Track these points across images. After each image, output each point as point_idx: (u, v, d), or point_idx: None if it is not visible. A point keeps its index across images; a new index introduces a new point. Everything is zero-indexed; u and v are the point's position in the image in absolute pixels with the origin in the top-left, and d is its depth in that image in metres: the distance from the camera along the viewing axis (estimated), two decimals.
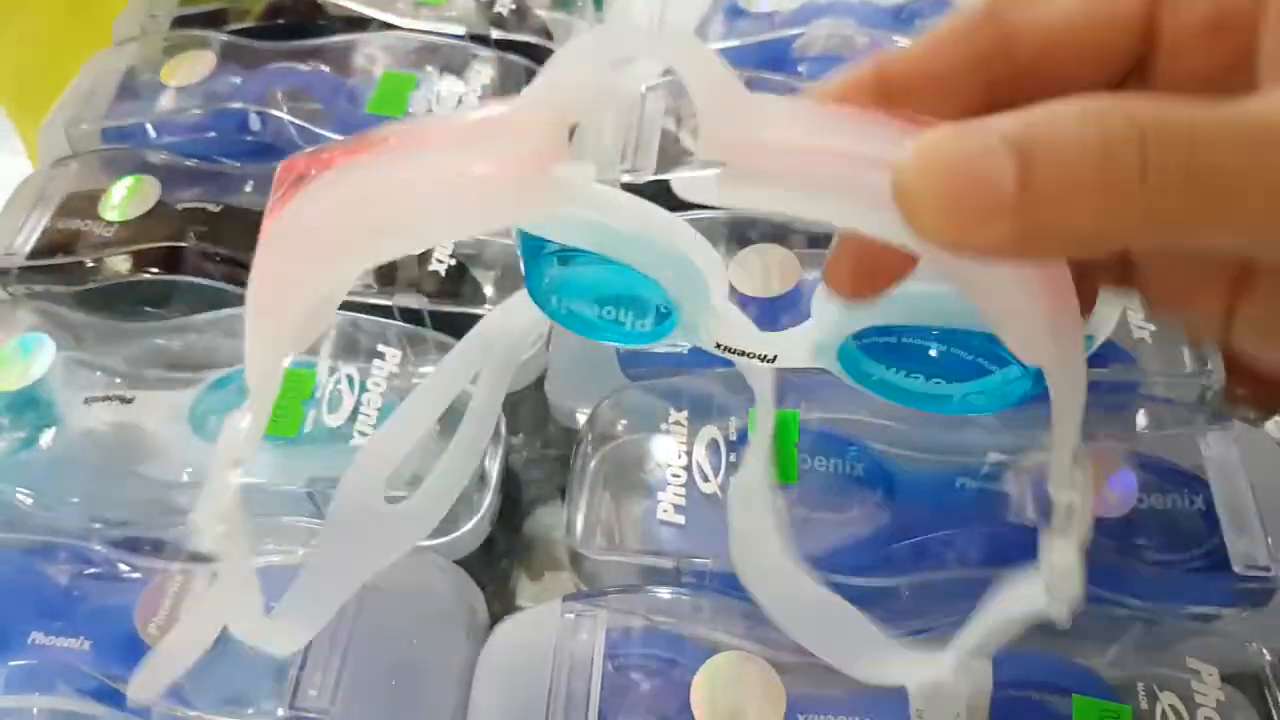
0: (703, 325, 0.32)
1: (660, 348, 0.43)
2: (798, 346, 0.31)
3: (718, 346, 0.32)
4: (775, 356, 0.32)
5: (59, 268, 0.46)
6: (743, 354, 0.32)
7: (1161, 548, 0.35)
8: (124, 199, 0.47)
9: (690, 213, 0.43)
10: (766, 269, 0.44)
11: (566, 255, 0.33)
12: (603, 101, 0.22)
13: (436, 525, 0.39)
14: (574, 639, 0.35)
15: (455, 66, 0.53)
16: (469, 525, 0.40)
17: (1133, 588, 0.35)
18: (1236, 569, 0.34)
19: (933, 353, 0.29)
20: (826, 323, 0.30)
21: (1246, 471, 0.37)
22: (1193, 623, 0.35)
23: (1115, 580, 0.35)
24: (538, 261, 0.33)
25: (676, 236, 0.31)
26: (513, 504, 0.46)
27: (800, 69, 0.52)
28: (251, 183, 0.49)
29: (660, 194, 0.43)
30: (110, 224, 0.46)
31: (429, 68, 0.52)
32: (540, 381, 0.44)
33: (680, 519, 0.37)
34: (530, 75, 0.54)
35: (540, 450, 0.48)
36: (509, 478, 0.43)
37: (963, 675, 0.32)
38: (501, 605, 0.43)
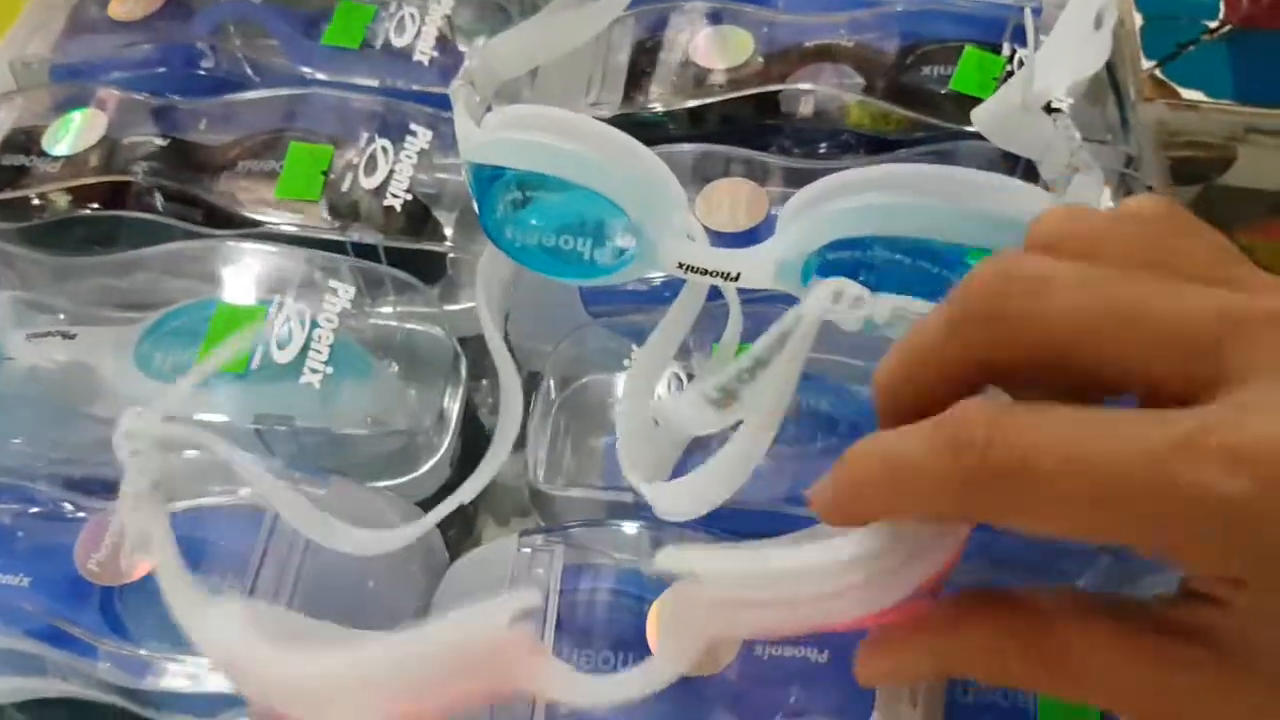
0: (664, 245, 0.31)
1: (624, 286, 0.42)
2: (761, 264, 0.31)
3: (680, 266, 0.31)
4: (738, 275, 0.31)
5: (3, 204, 0.44)
6: (705, 272, 0.31)
7: None
8: (68, 133, 0.46)
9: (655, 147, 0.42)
10: (734, 203, 0.43)
11: (522, 182, 0.32)
12: None
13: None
14: (529, 573, 0.34)
15: None
16: (428, 466, 0.39)
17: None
18: None
19: (898, 265, 0.28)
20: (790, 239, 0.30)
21: None
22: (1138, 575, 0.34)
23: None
24: (491, 191, 0.32)
25: (636, 156, 0.30)
26: (476, 448, 0.45)
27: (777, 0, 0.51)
28: (204, 119, 0.47)
29: (625, 127, 0.42)
30: (55, 159, 0.45)
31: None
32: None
33: None
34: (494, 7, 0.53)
35: None
36: (472, 422, 0.42)
37: None
38: (464, 542, 0.42)
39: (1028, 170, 0.35)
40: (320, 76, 0.48)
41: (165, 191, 0.44)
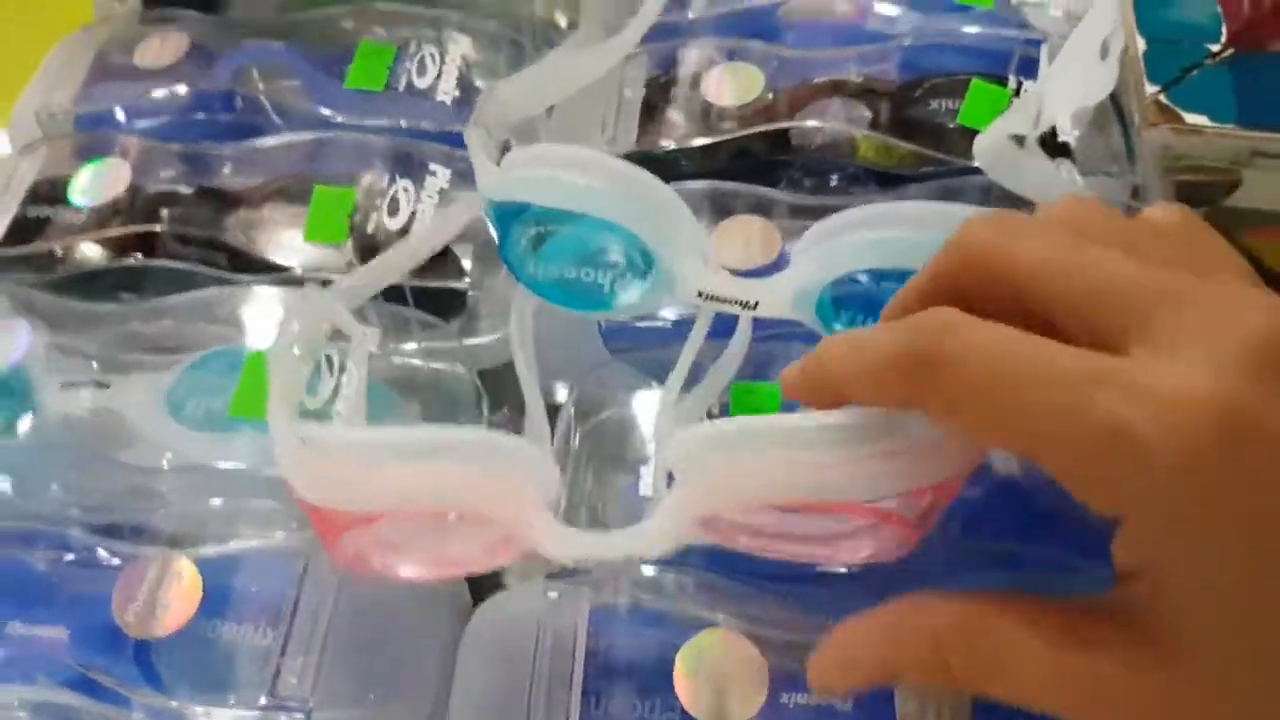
0: (683, 275, 0.32)
1: (644, 322, 0.43)
2: (779, 294, 0.32)
3: (700, 295, 0.32)
4: (757, 303, 0.32)
5: (29, 257, 0.45)
6: (724, 300, 0.32)
7: None
8: (93, 184, 0.46)
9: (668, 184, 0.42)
10: (748, 240, 0.43)
11: (542, 217, 0.33)
12: None
13: None
14: (557, 617, 0.35)
15: (434, 37, 0.52)
16: None
17: (1100, 551, 0.34)
18: None
19: None
20: (808, 270, 0.31)
21: None
22: None
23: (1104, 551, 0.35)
24: (513, 227, 0.33)
25: (654, 190, 0.31)
26: None
27: (786, 36, 0.51)
28: (229, 164, 0.48)
29: (639, 164, 0.42)
30: (79, 209, 0.46)
31: (407, 38, 0.52)
32: None
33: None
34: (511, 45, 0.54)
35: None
36: None
37: None
38: (488, 586, 0.43)
39: None
40: (345, 119, 0.49)
41: (192, 239, 0.45)
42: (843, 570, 0.34)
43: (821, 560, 0.32)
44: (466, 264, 0.45)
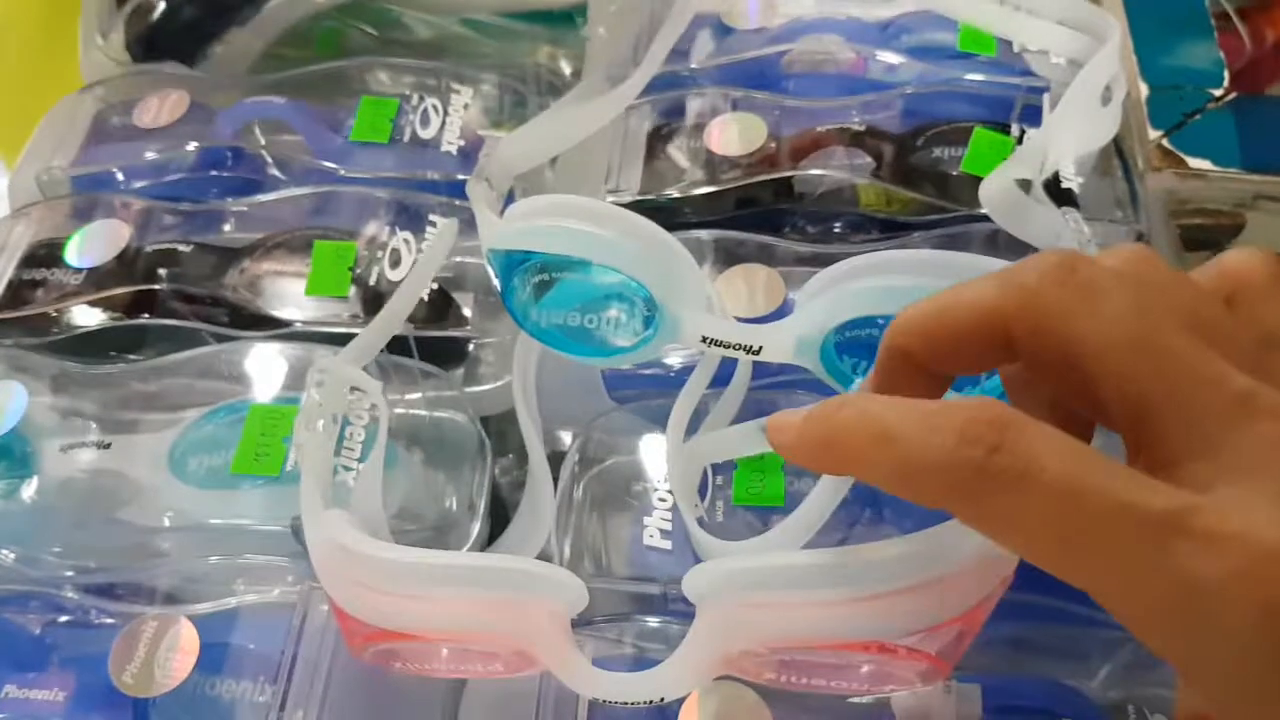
0: (686, 320, 0.32)
1: (647, 370, 0.42)
2: (782, 339, 0.32)
3: (704, 340, 0.32)
4: (760, 348, 0.32)
5: (26, 319, 0.45)
6: (728, 345, 0.32)
7: None
8: (89, 244, 0.46)
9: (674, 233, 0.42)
10: (752, 289, 0.43)
11: (545, 265, 0.33)
12: None
13: None
14: None
15: (435, 88, 0.52)
16: None
17: None
18: None
19: None
20: (810, 316, 0.31)
21: None
22: None
23: None
24: (516, 276, 0.33)
25: (656, 237, 0.31)
26: (502, 527, 0.45)
27: (788, 85, 0.52)
28: (230, 220, 0.48)
29: (644, 213, 0.42)
30: (76, 271, 0.45)
31: (409, 91, 0.52)
32: None
33: (667, 544, 0.37)
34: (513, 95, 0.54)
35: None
36: (497, 501, 0.43)
37: (951, 699, 0.31)
38: None
39: None
40: (349, 172, 0.49)
41: (192, 296, 0.45)
42: None
43: (850, 694, 0.32)
44: (467, 312, 0.45)
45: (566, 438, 0.43)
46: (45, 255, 0.47)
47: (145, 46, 0.57)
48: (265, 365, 0.42)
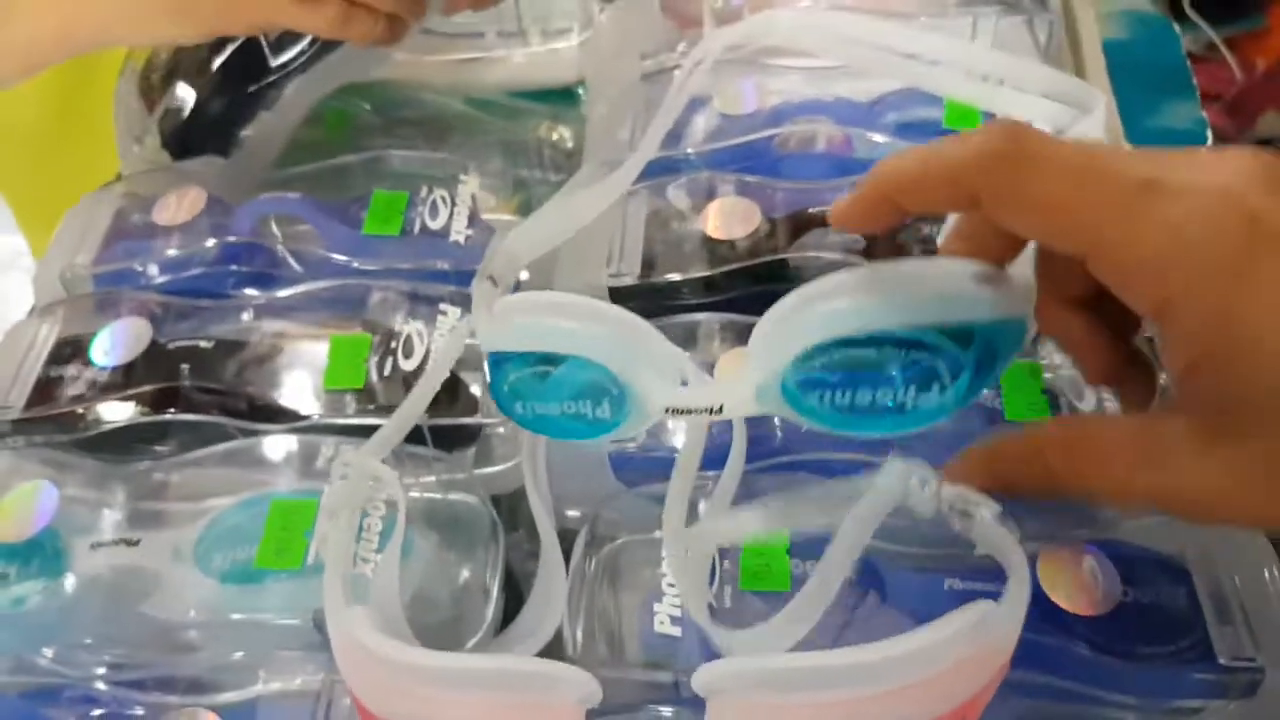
0: (650, 396, 0.32)
1: (654, 453, 0.44)
2: (741, 391, 0.32)
3: (668, 411, 0.32)
4: (721, 406, 0.32)
5: (54, 418, 0.46)
6: (691, 411, 0.33)
7: (1146, 641, 0.36)
8: (113, 342, 0.48)
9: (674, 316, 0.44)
10: None
11: (525, 360, 0.34)
12: None
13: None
14: None
15: (443, 179, 0.54)
16: (473, 641, 0.41)
17: (1119, 683, 0.35)
18: (1222, 660, 0.35)
19: (867, 361, 0.30)
20: (760, 363, 0.31)
21: (1228, 558, 0.38)
22: (1179, 717, 0.35)
23: (1101, 677, 0.35)
24: (500, 371, 0.34)
25: (620, 322, 0.32)
26: (517, 601, 0.47)
27: (780, 166, 0.53)
28: (250, 310, 0.50)
29: (645, 295, 0.44)
30: (101, 369, 0.47)
31: (419, 185, 0.54)
32: None
33: (677, 630, 0.38)
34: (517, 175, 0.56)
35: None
36: (510, 575, 0.44)
37: None
38: None
39: None
40: (363, 265, 0.51)
41: (213, 391, 0.46)
42: None
43: None
44: (476, 391, 0.47)
45: (575, 513, 0.44)
46: (71, 353, 0.48)
47: (180, 144, 0.59)
48: (286, 458, 0.44)
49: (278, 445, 0.44)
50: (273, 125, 0.60)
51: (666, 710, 0.36)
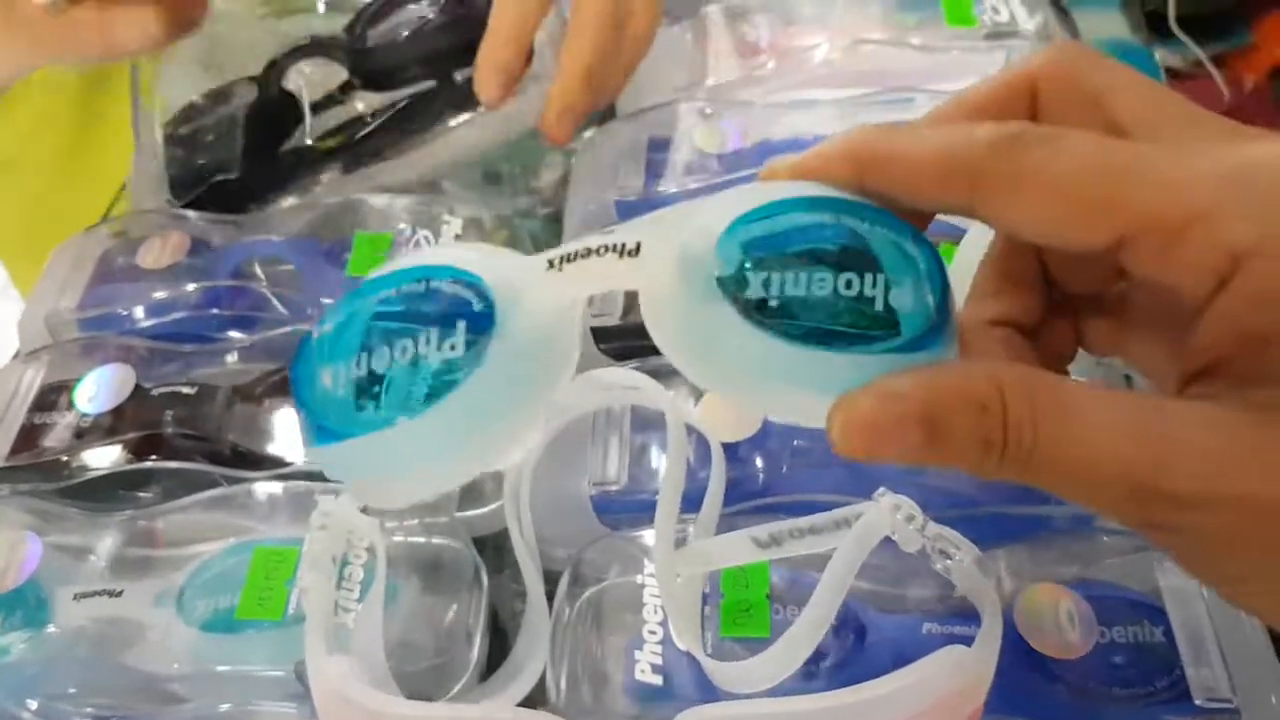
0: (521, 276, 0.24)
1: (638, 495, 0.44)
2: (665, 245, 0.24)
3: (550, 265, 0.24)
4: (638, 245, 0.24)
5: (38, 465, 0.46)
6: (591, 253, 0.24)
7: (1124, 682, 0.36)
8: (97, 389, 0.48)
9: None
10: (737, 410, 0.45)
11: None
12: None
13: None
14: None
15: (425, 222, 0.55)
16: (457, 687, 0.40)
17: None
18: (1198, 701, 0.35)
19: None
20: (698, 221, 0.24)
21: (1205, 598, 0.38)
22: None
23: (1078, 718, 0.36)
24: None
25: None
26: (503, 640, 0.46)
27: None
28: (235, 353, 0.50)
29: (628, 334, 0.44)
30: (85, 415, 0.47)
31: (401, 225, 0.54)
32: None
33: (658, 679, 0.38)
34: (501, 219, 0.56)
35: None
36: (495, 616, 0.44)
37: None
38: None
39: None
40: None
41: (196, 437, 0.46)
42: None
43: None
44: None
45: (563, 554, 0.44)
46: (55, 399, 0.48)
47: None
48: (269, 505, 0.43)
49: (263, 492, 0.44)
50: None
51: None
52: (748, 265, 0.23)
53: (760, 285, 0.23)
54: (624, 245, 0.23)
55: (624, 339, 0.49)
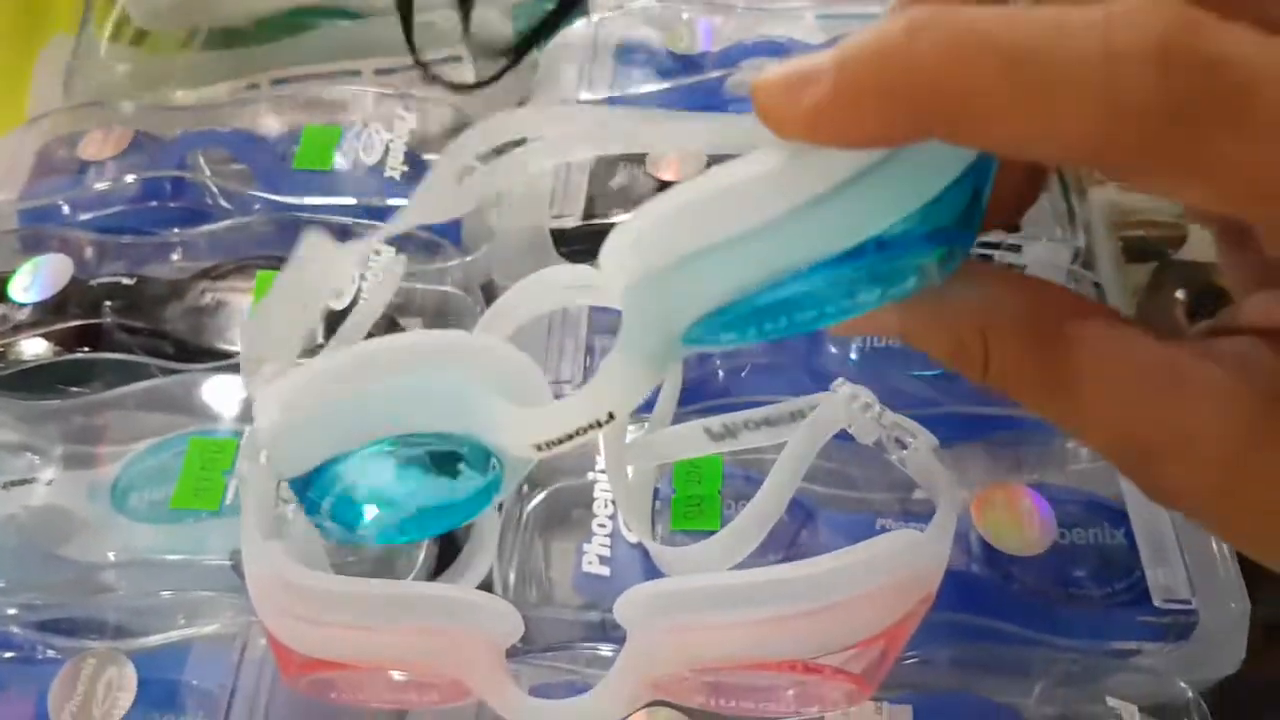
0: (513, 436, 0.25)
1: None
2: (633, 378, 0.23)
3: (541, 449, 0.24)
4: (611, 415, 0.24)
5: None
6: (570, 438, 0.24)
7: (1082, 583, 0.35)
8: (33, 279, 0.46)
9: None
10: None
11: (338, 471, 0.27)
12: None
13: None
14: None
15: (379, 115, 0.53)
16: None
17: (1054, 625, 0.35)
18: (1156, 602, 0.34)
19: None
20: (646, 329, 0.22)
21: None
22: (1115, 659, 0.35)
23: (1037, 618, 0.35)
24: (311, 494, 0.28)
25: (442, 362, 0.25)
26: (454, 543, 0.46)
27: (730, 109, 0.52)
28: (179, 249, 0.48)
29: (588, 237, 0.43)
30: (21, 305, 0.45)
31: (352, 119, 0.52)
32: None
33: (605, 570, 0.37)
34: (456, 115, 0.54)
35: None
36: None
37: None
38: None
39: None
40: (293, 200, 0.49)
41: (136, 329, 0.45)
42: None
43: (779, 716, 0.31)
44: None
45: None
46: None
47: None
48: (209, 397, 0.42)
49: (201, 384, 0.42)
50: None
51: (597, 648, 0.35)
52: None
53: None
54: (599, 420, 0.24)
55: (584, 242, 0.48)
